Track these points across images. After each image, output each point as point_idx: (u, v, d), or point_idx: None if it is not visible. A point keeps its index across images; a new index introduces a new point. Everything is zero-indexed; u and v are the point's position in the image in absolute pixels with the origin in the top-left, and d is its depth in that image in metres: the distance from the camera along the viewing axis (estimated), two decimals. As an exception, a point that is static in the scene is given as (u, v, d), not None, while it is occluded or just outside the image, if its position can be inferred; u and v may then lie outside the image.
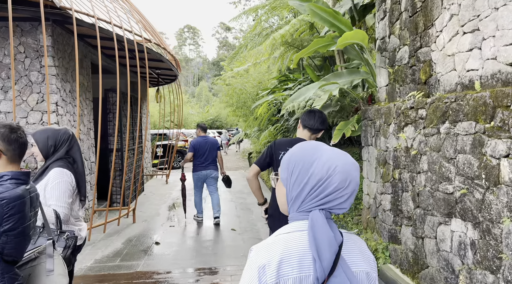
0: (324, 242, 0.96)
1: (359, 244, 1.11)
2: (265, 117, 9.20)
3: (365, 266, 1.07)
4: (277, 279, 0.97)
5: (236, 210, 7.46)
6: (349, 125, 5.31)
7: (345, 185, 1.03)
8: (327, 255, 0.95)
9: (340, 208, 1.06)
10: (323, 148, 1.08)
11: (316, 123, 2.76)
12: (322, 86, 5.36)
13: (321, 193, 1.03)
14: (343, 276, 0.97)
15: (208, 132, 24.48)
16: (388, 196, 4.44)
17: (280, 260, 0.99)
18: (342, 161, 1.04)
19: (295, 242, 1.01)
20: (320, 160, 1.05)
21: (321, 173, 1.03)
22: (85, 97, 6.11)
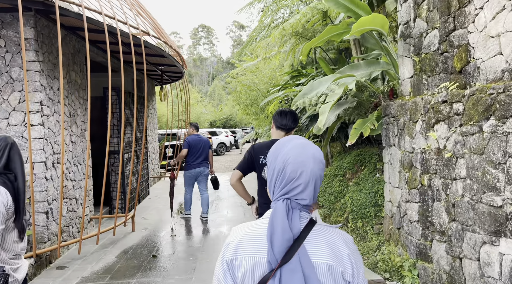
0: (278, 230, 1.05)
1: (331, 238, 1.11)
2: (276, 115, 8.65)
3: (328, 259, 1.07)
4: (234, 255, 1.10)
5: (244, 217, 6.91)
6: (367, 124, 4.68)
7: (296, 176, 1.11)
8: (278, 242, 1.03)
9: (301, 198, 1.12)
10: (289, 142, 1.18)
11: (288, 122, 2.88)
12: (336, 79, 4.75)
13: (281, 183, 1.13)
14: (297, 264, 1.03)
15: (221, 131, 24.05)
16: (415, 204, 3.82)
17: (241, 240, 1.11)
18: (296, 153, 1.13)
19: (259, 227, 1.12)
20: (281, 153, 1.16)
21: (280, 165, 1.14)
22: (79, 95, 5.64)
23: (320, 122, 4.39)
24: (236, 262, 1.10)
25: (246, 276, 1.09)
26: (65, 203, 5.02)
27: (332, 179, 6.70)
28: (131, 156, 7.80)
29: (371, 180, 5.70)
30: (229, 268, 1.11)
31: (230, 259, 1.11)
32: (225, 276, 1.11)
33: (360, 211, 5.39)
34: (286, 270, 1.04)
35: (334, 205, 6.25)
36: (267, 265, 1.06)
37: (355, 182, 6.05)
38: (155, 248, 5.15)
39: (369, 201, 5.33)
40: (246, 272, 1.09)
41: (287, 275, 1.03)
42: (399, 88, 4.52)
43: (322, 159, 1.18)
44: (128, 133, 7.63)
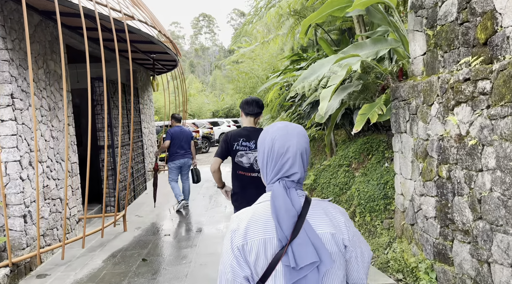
0: (282, 209, 1.13)
1: (327, 209, 1.21)
2: (276, 103, 8.14)
3: (330, 228, 1.16)
4: (244, 240, 1.14)
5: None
6: (375, 109, 4.21)
7: (284, 150, 1.20)
8: (285, 220, 1.11)
9: (292, 173, 1.20)
10: (273, 126, 1.29)
11: (255, 108, 3.14)
12: (339, 60, 4.27)
13: (272, 162, 1.22)
14: (305, 237, 1.11)
15: (223, 121, 23.59)
16: (431, 199, 3.36)
17: (247, 225, 1.16)
18: (281, 132, 1.24)
19: (261, 210, 1.19)
20: (268, 135, 1.26)
21: (269, 145, 1.23)
22: (59, 87, 5.20)
23: (321, 109, 3.93)
24: (247, 246, 1.14)
25: (259, 257, 1.13)
26: (48, 204, 4.63)
27: (337, 170, 6.25)
28: (125, 150, 7.39)
29: (379, 170, 5.25)
30: (241, 254, 1.14)
31: (241, 244, 1.14)
32: (238, 263, 1.14)
33: (368, 204, 4.95)
34: (296, 245, 1.10)
35: (340, 197, 5.81)
36: (278, 243, 1.12)
37: (362, 172, 5.60)
38: (146, 250, 4.76)
39: (378, 193, 4.88)
40: (259, 253, 1.13)
41: (298, 249, 1.09)
42: (409, 67, 4.03)
43: (305, 133, 1.27)
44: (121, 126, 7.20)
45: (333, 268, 1.16)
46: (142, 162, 8.59)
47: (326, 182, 6.39)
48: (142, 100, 9.82)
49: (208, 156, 16.68)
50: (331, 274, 1.16)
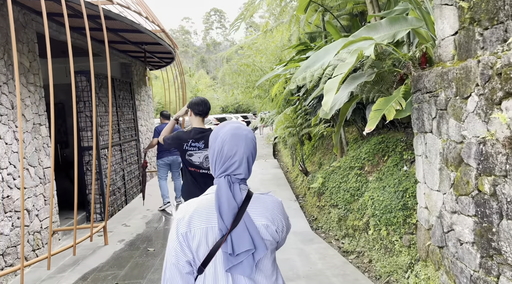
0: (224, 202, 1.25)
1: (266, 203, 1.35)
2: (281, 97, 7.39)
3: (264, 221, 1.31)
4: (188, 228, 1.26)
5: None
6: (391, 103, 3.45)
7: (232, 154, 1.31)
8: (226, 212, 1.24)
9: (238, 173, 1.32)
10: (225, 126, 1.38)
11: (204, 108, 3.34)
12: (347, 44, 3.51)
13: (220, 161, 1.32)
14: (243, 227, 1.24)
15: (231, 117, 22.92)
16: (468, 219, 2.60)
17: (192, 214, 1.27)
18: (230, 135, 1.33)
19: (206, 202, 1.31)
20: (219, 136, 1.34)
21: (218, 146, 1.33)
22: (27, 82, 4.56)
23: (326, 103, 3.19)
24: (191, 234, 1.26)
25: (200, 244, 1.25)
26: (9, 218, 4.00)
27: (347, 172, 5.49)
28: (115, 151, 6.75)
29: (396, 175, 4.48)
30: (184, 240, 1.26)
31: (184, 232, 1.26)
32: (182, 248, 1.26)
33: (383, 216, 4.19)
34: (235, 234, 1.24)
35: (351, 205, 5.06)
36: (219, 232, 1.25)
37: (377, 177, 4.84)
38: (123, 270, 4.10)
39: (395, 203, 4.12)
40: (201, 241, 1.25)
41: (236, 237, 1.24)
42: (435, 51, 3.25)
43: (253, 138, 1.39)
44: (108, 125, 6.56)
45: (267, 254, 1.33)
46: (136, 163, 7.96)
47: (336, 186, 5.63)
48: (139, 96, 9.18)
49: (214, 153, 16.02)
50: (264, 259, 1.33)
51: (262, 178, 9.10)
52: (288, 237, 4.88)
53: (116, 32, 6.07)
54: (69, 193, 6.89)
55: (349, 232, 4.92)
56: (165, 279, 1.29)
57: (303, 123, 8.09)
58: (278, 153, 16.22)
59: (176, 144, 3.31)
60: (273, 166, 10.97)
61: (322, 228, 5.52)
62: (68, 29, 3.88)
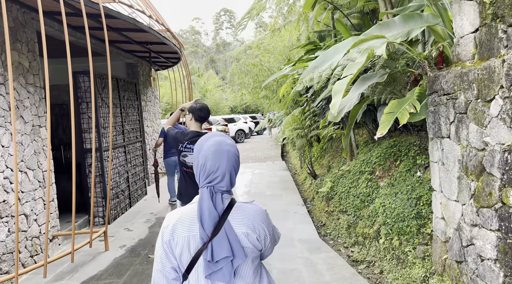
0: (205, 212, 1.30)
1: (248, 212, 1.38)
2: (289, 98, 7.18)
3: (245, 229, 1.34)
4: (171, 236, 1.31)
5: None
6: (405, 106, 3.23)
7: (215, 169, 1.35)
8: (206, 221, 1.29)
9: (220, 186, 1.36)
10: (209, 139, 1.41)
11: (206, 115, 3.48)
12: (358, 43, 3.30)
13: (204, 175, 1.37)
14: (223, 236, 1.29)
15: (239, 117, 22.74)
16: (490, 234, 2.37)
17: (176, 222, 1.33)
18: (213, 151, 1.37)
19: (189, 210, 1.36)
20: (202, 149, 1.39)
21: (202, 160, 1.38)
22: (27, 82, 4.44)
23: (334, 106, 2.98)
24: (174, 241, 1.31)
25: (183, 252, 1.31)
26: (5, 223, 3.87)
27: (357, 177, 5.26)
28: (118, 152, 6.62)
29: (409, 181, 4.25)
30: (168, 248, 1.32)
31: (168, 240, 1.32)
32: (166, 255, 1.32)
33: (396, 224, 3.96)
34: (216, 242, 1.29)
35: (361, 211, 4.84)
36: (200, 240, 1.30)
37: (388, 183, 4.60)
38: (122, 279, 3.94)
39: (408, 211, 3.89)
40: (183, 248, 1.31)
41: (217, 246, 1.28)
42: (453, 50, 3.02)
43: (236, 152, 1.42)
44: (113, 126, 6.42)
45: (247, 261, 1.37)
46: (141, 165, 7.82)
47: (345, 191, 5.41)
48: (145, 96, 9.06)
49: (222, 154, 15.86)
50: (244, 266, 1.36)
51: (269, 180, 8.90)
52: (295, 245, 4.68)
53: (120, 31, 5.94)
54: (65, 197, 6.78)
55: (359, 239, 4.70)
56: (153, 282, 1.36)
57: (311, 125, 7.87)
58: (287, 154, 16.01)
59: (173, 143, 3.56)
60: (281, 168, 10.76)
61: (330, 235, 5.30)
62: (65, 27, 3.73)
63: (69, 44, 6.07)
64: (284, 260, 4.22)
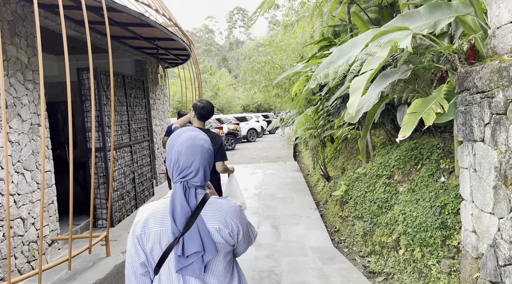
0: (177, 207, 1.30)
1: (221, 207, 1.37)
2: (302, 97, 6.86)
3: (217, 224, 1.34)
4: (143, 231, 1.31)
5: (257, 230, 5.31)
6: (431, 105, 2.90)
7: (188, 165, 1.35)
8: (178, 216, 1.29)
9: (194, 182, 1.36)
10: (182, 134, 1.40)
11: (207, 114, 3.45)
12: (378, 36, 2.98)
13: (177, 170, 1.36)
14: (195, 231, 1.29)
15: (251, 116, 22.48)
16: (535, 255, 2.03)
17: (147, 217, 1.33)
18: (186, 146, 1.36)
19: (162, 205, 1.36)
20: (175, 145, 1.37)
21: (175, 156, 1.36)
22: (25, 79, 4.23)
23: (351, 105, 2.67)
24: (145, 236, 1.31)
25: (154, 246, 1.30)
26: (0, 228, 3.66)
27: (374, 181, 4.93)
28: (124, 152, 6.41)
29: (432, 186, 3.90)
30: (139, 242, 1.32)
31: (139, 234, 1.31)
32: (136, 250, 1.33)
33: (417, 235, 3.63)
34: (187, 237, 1.29)
35: (378, 218, 4.50)
36: (172, 235, 1.29)
37: (408, 188, 4.26)
38: (122, 288, 3.70)
39: (432, 220, 3.55)
40: (154, 243, 1.30)
41: (188, 241, 1.28)
42: (488, 43, 2.68)
43: (209, 147, 1.42)
44: (119, 125, 6.21)
45: (218, 257, 1.36)
46: (149, 165, 7.60)
47: (361, 195, 5.08)
48: (153, 94, 8.84)
49: (233, 153, 15.63)
50: (215, 262, 1.36)
51: (281, 182, 8.59)
52: (306, 254, 4.38)
53: (125, 26, 5.71)
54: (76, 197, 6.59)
55: (375, 248, 4.37)
56: (126, 278, 1.38)
57: (325, 125, 7.54)
58: (299, 154, 15.67)
59: None
60: (293, 169, 10.44)
61: (345, 242, 4.98)
62: (62, 19, 3.50)
63: (73, 40, 5.88)
64: (294, 271, 3.92)
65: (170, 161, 1.37)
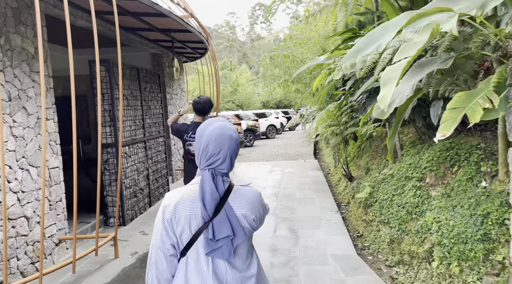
0: (207, 193, 1.36)
1: (245, 194, 1.45)
2: (323, 92, 6.46)
3: (244, 210, 1.42)
4: (173, 215, 1.37)
5: (273, 234, 4.97)
6: (477, 100, 2.49)
7: (217, 152, 1.41)
8: (208, 201, 1.35)
9: (221, 169, 1.42)
10: (212, 124, 1.47)
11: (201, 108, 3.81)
12: (415, 18, 2.58)
13: (205, 157, 1.42)
14: (224, 216, 1.36)
15: (271, 112, 22.11)
16: None
17: (177, 202, 1.39)
18: (216, 134, 1.42)
19: (191, 191, 1.42)
20: (205, 133, 1.44)
21: (204, 143, 1.43)
22: (31, 70, 4.01)
23: (383, 99, 2.30)
24: (175, 220, 1.36)
25: (184, 230, 1.36)
26: (0, 227, 3.45)
27: (403, 183, 4.51)
28: (138, 148, 6.18)
29: (471, 192, 3.47)
30: (170, 225, 1.37)
31: (170, 218, 1.37)
32: (167, 232, 1.37)
33: (455, 246, 3.22)
34: (216, 222, 1.35)
35: (407, 224, 4.10)
36: (201, 219, 1.36)
37: (443, 193, 3.83)
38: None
39: (472, 231, 3.13)
40: (184, 226, 1.36)
41: (217, 225, 1.35)
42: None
43: (237, 138, 1.48)
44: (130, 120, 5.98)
45: (244, 241, 1.43)
46: (164, 161, 7.37)
47: (388, 199, 4.67)
48: (170, 89, 8.61)
49: (252, 150, 15.32)
50: (241, 245, 1.44)
51: (300, 181, 8.22)
52: (327, 262, 4.02)
53: (138, 16, 5.45)
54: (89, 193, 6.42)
55: (404, 258, 3.97)
56: (150, 262, 1.40)
57: (348, 122, 7.12)
58: (319, 152, 15.22)
59: (178, 135, 3.88)
60: (313, 167, 10.05)
61: (369, 249, 4.59)
62: (66, 5, 3.23)
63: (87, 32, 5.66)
64: (313, 282, 3.57)
65: (199, 147, 1.43)
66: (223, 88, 27.10)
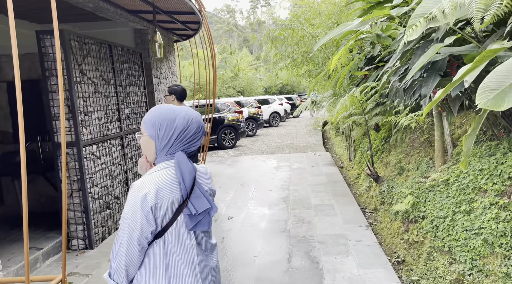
0: (186, 171, 1.41)
1: (204, 171, 1.58)
2: (344, 72, 5.09)
3: (208, 185, 1.56)
4: (156, 200, 1.36)
5: (287, 264, 3.68)
6: None
7: (199, 130, 1.49)
8: (187, 179, 1.40)
9: (195, 146, 1.49)
10: (178, 108, 1.48)
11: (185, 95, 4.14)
12: None
13: (184, 139, 1.46)
14: (198, 193, 1.44)
15: (274, 99, 20.70)
16: None
17: (158, 187, 1.38)
18: (195, 114, 1.49)
19: (166, 175, 1.42)
20: (180, 116, 1.46)
21: (183, 125, 1.45)
22: None
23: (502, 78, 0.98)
24: (158, 204, 1.37)
25: (167, 212, 1.39)
26: None
27: (469, 197, 3.21)
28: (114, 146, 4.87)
29: None
30: (152, 212, 1.36)
31: (153, 204, 1.36)
32: (148, 221, 1.36)
33: None
34: (194, 198, 1.42)
35: (485, 260, 2.80)
36: (180, 199, 1.41)
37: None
38: None
39: None
40: (167, 209, 1.39)
41: (195, 201, 1.42)
42: None
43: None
44: (98, 111, 4.65)
45: None
46: (148, 160, 6.05)
47: (446, 216, 3.37)
48: (158, 72, 7.24)
49: (254, 140, 14.00)
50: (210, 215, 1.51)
51: (313, 181, 6.90)
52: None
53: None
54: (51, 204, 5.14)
55: (482, 311, 2.69)
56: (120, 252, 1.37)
57: (373, 108, 5.79)
58: (328, 141, 13.89)
59: None
60: (326, 162, 8.72)
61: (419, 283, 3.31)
62: None
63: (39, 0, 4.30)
64: None
65: (173, 132, 1.44)
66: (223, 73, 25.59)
